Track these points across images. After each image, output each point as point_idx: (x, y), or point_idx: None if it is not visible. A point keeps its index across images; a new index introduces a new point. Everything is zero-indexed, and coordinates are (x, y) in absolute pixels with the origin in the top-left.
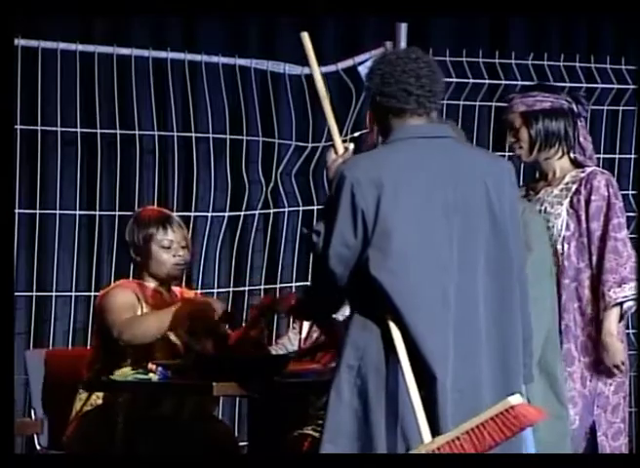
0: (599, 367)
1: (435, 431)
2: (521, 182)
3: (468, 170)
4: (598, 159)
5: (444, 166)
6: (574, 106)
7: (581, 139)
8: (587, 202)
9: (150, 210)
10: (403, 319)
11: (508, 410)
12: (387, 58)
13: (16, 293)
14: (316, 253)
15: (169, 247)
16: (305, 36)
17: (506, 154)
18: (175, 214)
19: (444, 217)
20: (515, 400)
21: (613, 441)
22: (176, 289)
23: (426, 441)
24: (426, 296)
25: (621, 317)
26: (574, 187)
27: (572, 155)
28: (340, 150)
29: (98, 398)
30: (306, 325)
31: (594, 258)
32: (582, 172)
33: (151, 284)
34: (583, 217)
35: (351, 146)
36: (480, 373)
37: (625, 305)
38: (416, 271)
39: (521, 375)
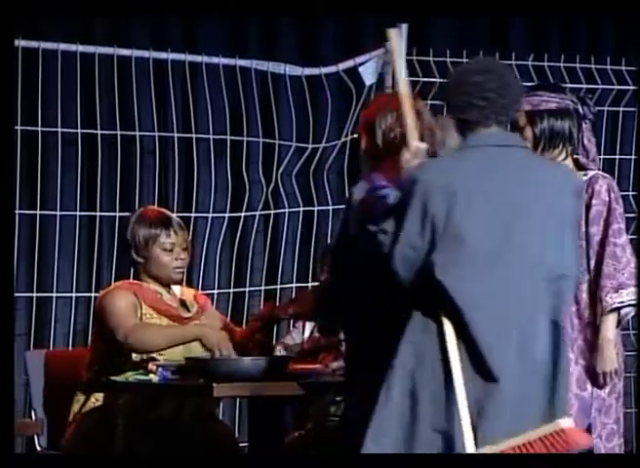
0: (595, 370)
1: (484, 439)
2: None
3: (536, 178)
4: (598, 160)
5: (514, 174)
6: (579, 108)
7: (585, 141)
8: (588, 206)
9: (152, 210)
10: (469, 326)
11: (559, 433)
12: (460, 68)
13: (16, 294)
14: (381, 250)
15: (171, 250)
16: (393, 32)
17: None
18: (175, 215)
19: (513, 224)
20: (566, 423)
21: (607, 442)
22: (175, 288)
23: (470, 450)
24: (494, 304)
25: (619, 323)
26: None
27: (574, 157)
28: (414, 149)
29: (96, 400)
30: (309, 325)
31: (592, 263)
32: (585, 175)
33: (151, 285)
34: (583, 221)
35: (423, 146)
36: (531, 388)
37: (622, 311)
38: (485, 278)
39: (566, 400)
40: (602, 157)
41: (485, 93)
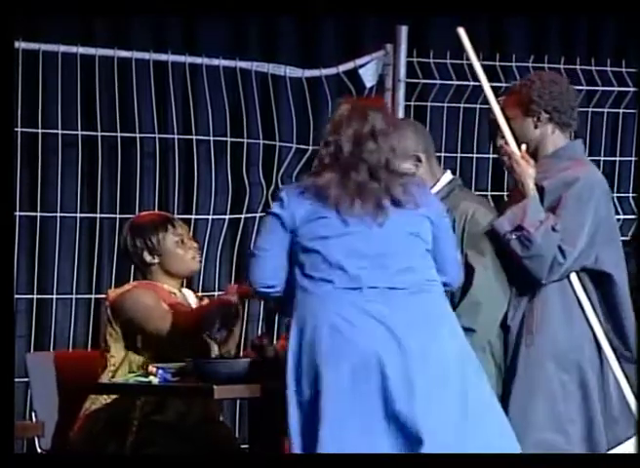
0: None
1: None
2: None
3: None
4: (599, 161)
5: None
6: None
7: None
8: None
9: (148, 214)
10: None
11: None
12: (546, 78)
13: (16, 296)
14: (548, 244)
15: (182, 241)
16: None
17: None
18: (175, 216)
19: None
20: None
21: None
22: (186, 291)
23: None
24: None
25: None
26: None
27: None
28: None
29: (107, 397)
30: None
31: None
32: None
33: (165, 285)
34: None
35: (523, 147)
36: None
37: None
38: None
39: None
40: (602, 158)
41: (577, 98)
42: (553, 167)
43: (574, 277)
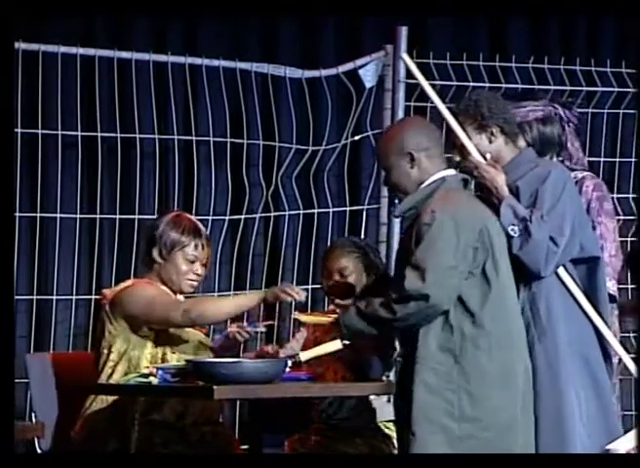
0: None
1: None
2: None
3: None
4: (599, 162)
5: None
6: (561, 112)
7: (569, 145)
8: None
9: (187, 218)
10: None
11: None
12: (487, 95)
13: (16, 297)
14: (543, 232)
15: (192, 262)
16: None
17: None
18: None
19: None
20: None
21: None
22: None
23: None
24: None
25: None
26: None
27: (559, 159)
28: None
29: (108, 396)
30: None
31: None
32: (575, 178)
33: (161, 286)
34: None
35: (488, 155)
36: None
37: None
38: None
39: None
40: (602, 159)
41: None
42: (520, 169)
43: (562, 271)
